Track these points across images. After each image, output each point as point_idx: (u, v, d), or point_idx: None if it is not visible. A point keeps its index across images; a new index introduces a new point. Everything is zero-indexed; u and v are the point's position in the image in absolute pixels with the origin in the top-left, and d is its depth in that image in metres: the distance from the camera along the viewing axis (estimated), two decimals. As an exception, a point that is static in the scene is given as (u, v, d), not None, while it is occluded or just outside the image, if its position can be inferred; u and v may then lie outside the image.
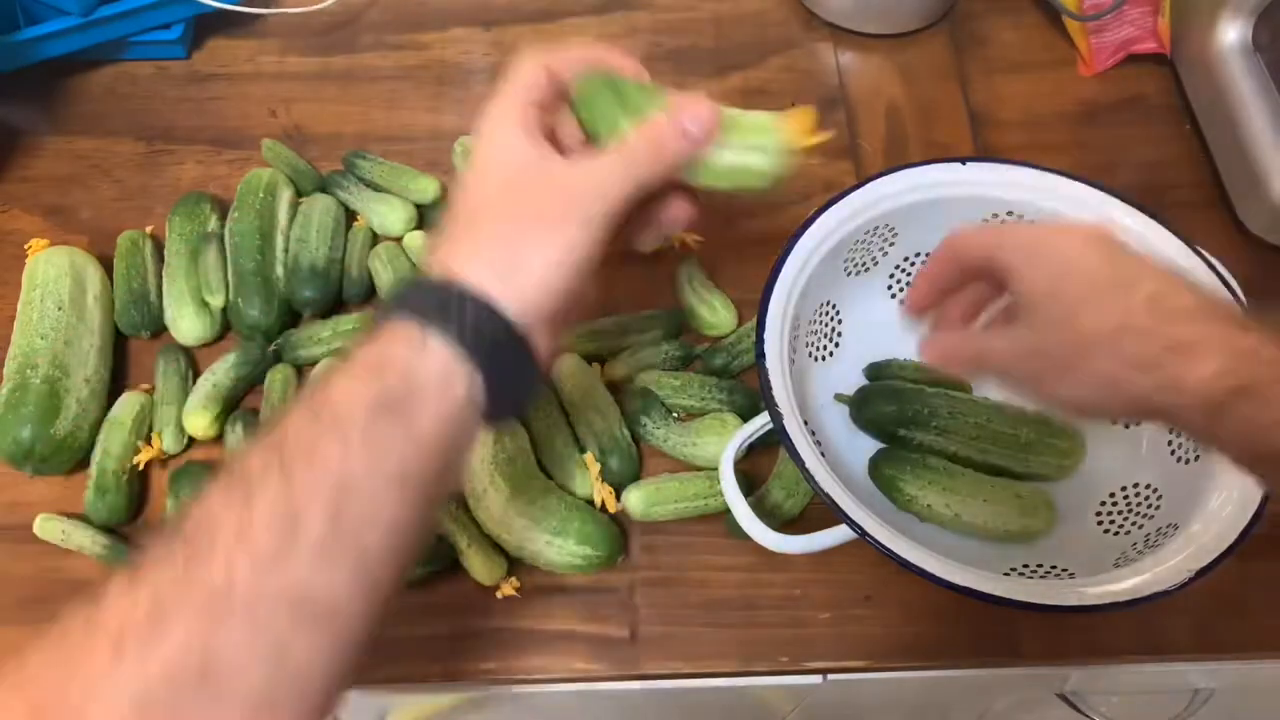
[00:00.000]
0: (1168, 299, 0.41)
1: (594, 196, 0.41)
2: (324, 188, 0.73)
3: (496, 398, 0.39)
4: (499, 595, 0.59)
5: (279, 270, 0.68)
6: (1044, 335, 0.43)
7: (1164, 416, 0.42)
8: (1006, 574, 0.54)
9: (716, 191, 0.47)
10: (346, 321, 0.67)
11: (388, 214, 0.71)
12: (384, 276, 0.68)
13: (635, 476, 0.62)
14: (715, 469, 0.59)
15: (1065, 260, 0.43)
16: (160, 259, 0.70)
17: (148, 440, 0.63)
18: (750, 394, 0.64)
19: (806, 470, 0.50)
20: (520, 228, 0.41)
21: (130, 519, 0.62)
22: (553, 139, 0.44)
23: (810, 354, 0.62)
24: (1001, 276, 0.45)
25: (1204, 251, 0.56)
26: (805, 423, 0.54)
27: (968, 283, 0.49)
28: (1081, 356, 0.42)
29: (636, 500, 0.60)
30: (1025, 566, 0.56)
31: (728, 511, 0.56)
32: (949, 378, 0.62)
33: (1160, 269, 0.42)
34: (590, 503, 0.60)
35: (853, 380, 0.64)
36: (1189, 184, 0.74)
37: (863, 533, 0.49)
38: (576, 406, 0.63)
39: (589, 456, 0.61)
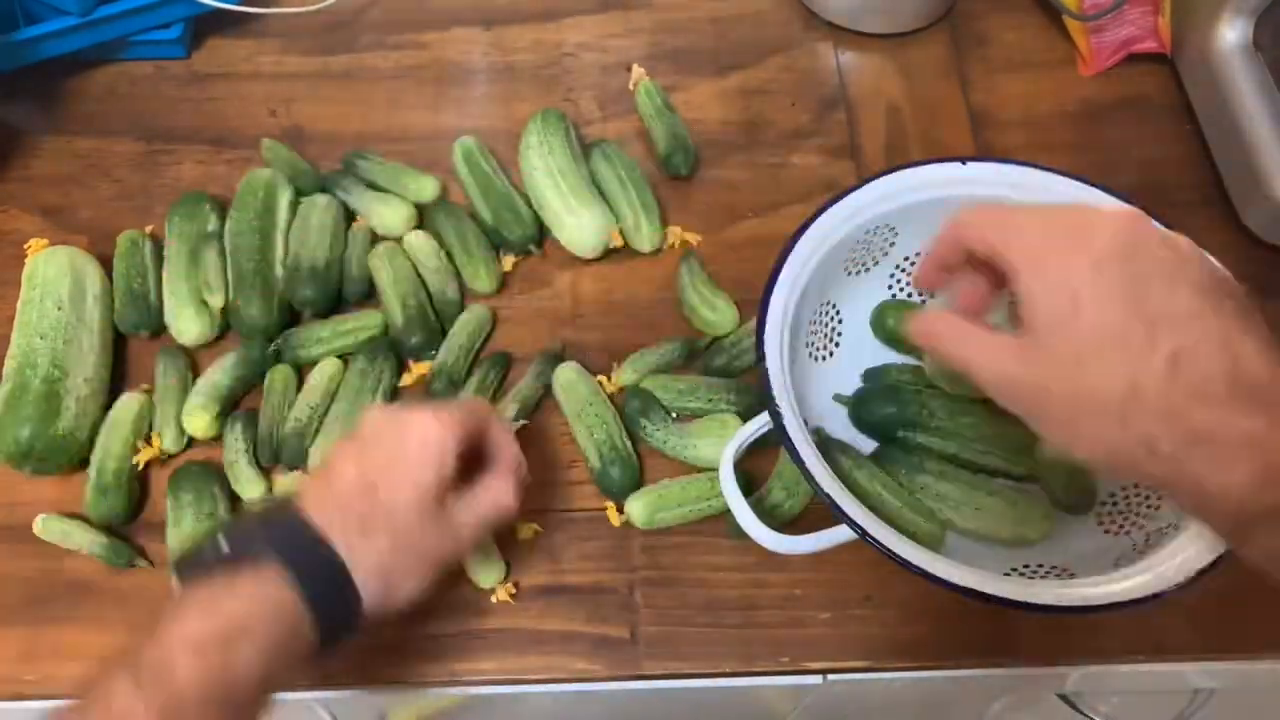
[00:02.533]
0: (1196, 361, 0.34)
1: (453, 551, 0.51)
2: (324, 187, 0.73)
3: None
4: (494, 600, 0.59)
5: (279, 270, 0.68)
6: (1043, 372, 0.37)
7: (1185, 508, 0.37)
8: (1006, 574, 0.54)
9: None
10: (346, 321, 0.67)
11: (387, 214, 0.71)
12: (384, 276, 0.68)
13: (636, 486, 0.62)
14: (714, 470, 0.59)
15: (1074, 289, 0.36)
16: (160, 259, 0.70)
17: (147, 440, 0.63)
18: (754, 394, 0.64)
19: (806, 470, 0.50)
20: (406, 567, 0.48)
21: (130, 519, 0.62)
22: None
23: (810, 354, 0.62)
24: (1005, 269, 0.40)
25: (1204, 251, 0.56)
26: (805, 423, 0.54)
27: (974, 265, 0.44)
28: (1084, 414, 0.36)
29: (640, 509, 0.60)
30: (1025, 566, 0.56)
31: (728, 512, 0.56)
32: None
33: (1191, 299, 0.36)
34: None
35: (852, 380, 0.64)
36: (1189, 184, 0.74)
37: (863, 533, 0.49)
38: (578, 416, 0.63)
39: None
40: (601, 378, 0.65)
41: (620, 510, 0.61)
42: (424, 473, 0.49)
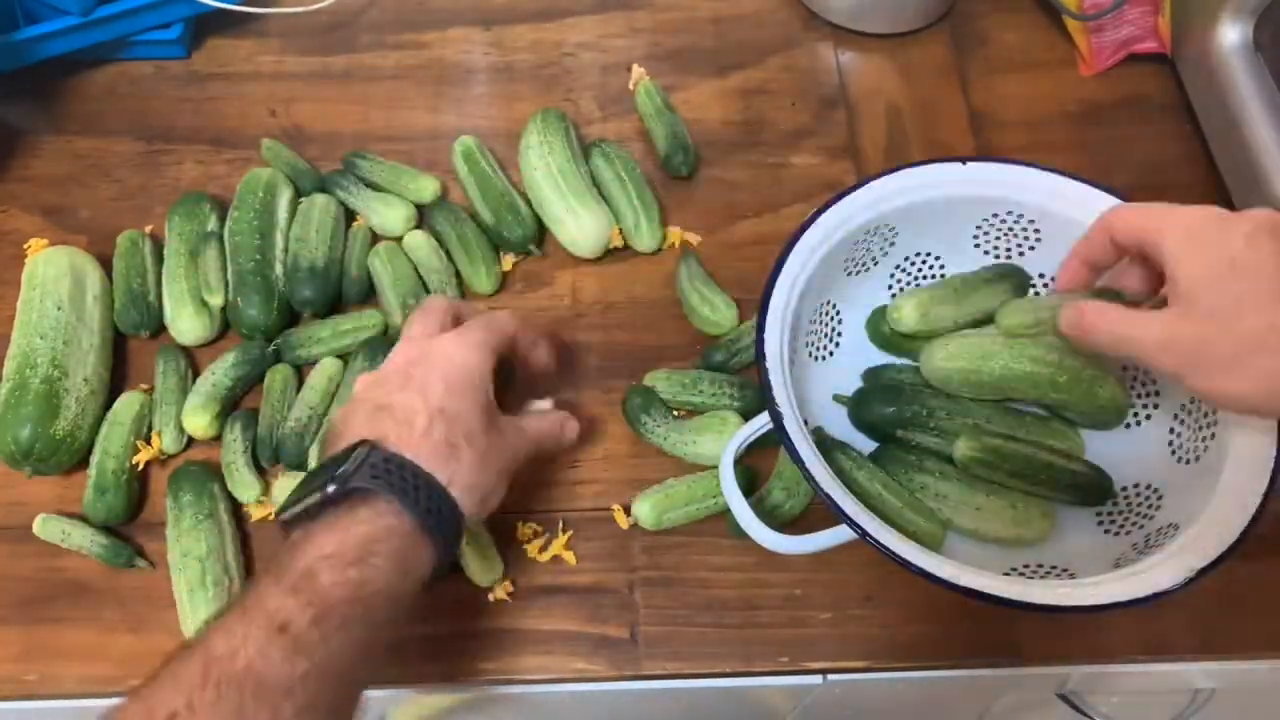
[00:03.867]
0: None
1: (514, 466, 0.53)
2: (323, 187, 0.73)
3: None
4: (491, 599, 0.59)
5: (278, 270, 0.68)
6: (1202, 327, 0.43)
7: None
8: (1007, 574, 0.54)
9: None
10: (346, 321, 0.67)
11: (387, 213, 0.71)
12: (384, 276, 0.68)
13: None
14: (715, 466, 0.59)
15: (1230, 256, 0.43)
16: (160, 259, 0.70)
17: (147, 440, 0.63)
18: (755, 390, 0.64)
19: (806, 470, 0.50)
20: (490, 480, 0.51)
21: (129, 519, 0.62)
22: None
23: (810, 354, 0.62)
24: (1157, 259, 0.45)
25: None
26: (805, 422, 0.54)
27: (1119, 260, 0.50)
28: (1245, 353, 0.42)
29: (647, 511, 0.60)
30: (1025, 567, 0.56)
31: (728, 512, 0.56)
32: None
33: None
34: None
35: (853, 380, 0.64)
36: (1189, 184, 0.74)
37: (863, 533, 0.49)
38: None
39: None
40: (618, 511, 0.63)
41: (627, 512, 0.61)
42: (479, 393, 0.51)
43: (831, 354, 0.64)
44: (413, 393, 0.50)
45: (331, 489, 0.45)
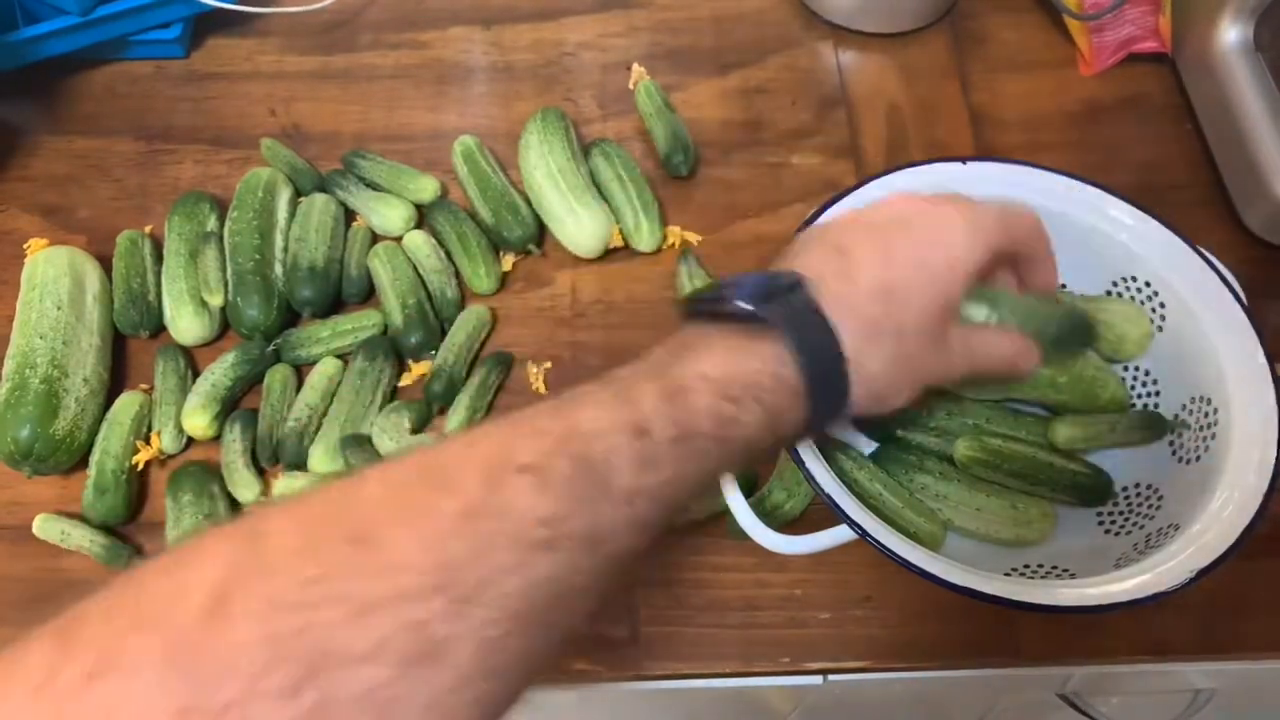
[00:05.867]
0: None
1: (943, 378, 0.47)
2: (323, 187, 0.73)
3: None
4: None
5: (278, 270, 0.68)
6: None
7: None
8: (1007, 574, 0.54)
9: None
10: (345, 321, 0.67)
11: (387, 213, 0.71)
12: (383, 276, 0.68)
13: None
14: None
15: None
16: (159, 259, 0.70)
17: (146, 440, 0.63)
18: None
19: (806, 470, 0.50)
20: (899, 380, 0.45)
21: (129, 519, 0.62)
22: None
23: (810, 354, 0.62)
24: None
25: (1204, 251, 0.56)
26: (805, 423, 0.53)
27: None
28: None
29: None
30: (1026, 567, 0.56)
31: (728, 512, 0.55)
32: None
33: None
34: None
35: (853, 380, 0.64)
36: (1189, 183, 0.74)
37: (863, 533, 0.49)
38: None
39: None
40: None
41: None
42: (945, 289, 0.45)
43: (831, 354, 0.64)
44: (879, 252, 0.44)
45: (743, 305, 0.41)
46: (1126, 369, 0.60)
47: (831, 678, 0.60)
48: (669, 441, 0.37)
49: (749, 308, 0.41)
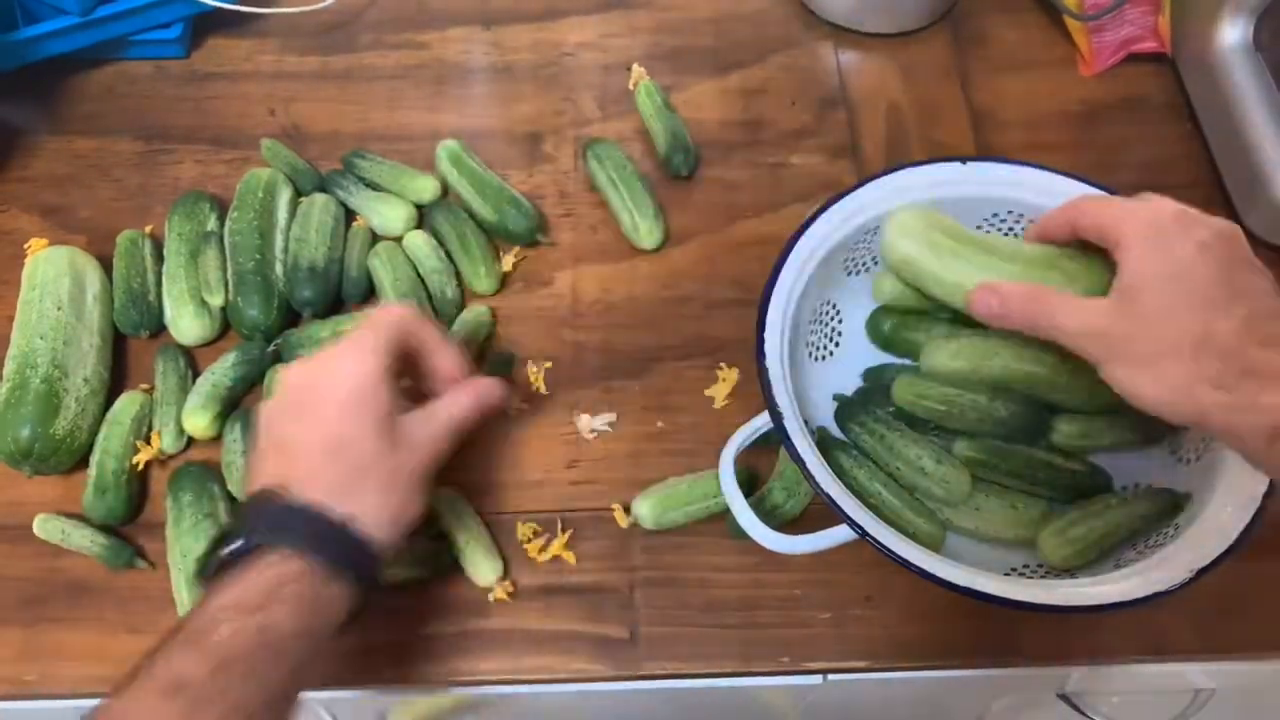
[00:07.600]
0: (1260, 321, 0.43)
1: (423, 460, 0.52)
2: (323, 187, 0.73)
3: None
4: (491, 599, 0.59)
5: (278, 270, 0.68)
6: (1133, 324, 0.45)
7: (1223, 433, 0.44)
8: (1007, 574, 0.54)
9: None
10: (345, 321, 0.67)
11: (387, 213, 0.71)
12: (383, 276, 0.68)
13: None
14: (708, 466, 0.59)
15: (1180, 258, 0.44)
16: (159, 259, 0.70)
17: (147, 440, 0.63)
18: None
19: (807, 470, 0.50)
20: (400, 499, 0.50)
21: (129, 519, 0.62)
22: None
23: (810, 354, 0.62)
24: (1113, 252, 0.46)
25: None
26: (805, 422, 0.53)
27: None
28: (1159, 356, 0.44)
29: (648, 510, 0.60)
30: (1025, 567, 0.56)
31: (728, 512, 0.56)
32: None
33: (1267, 285, 0.44)
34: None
35: (853, 380, 0.64)
36: (1189, 184, 0.74)
37: (863, 533, 0.49)
38: None
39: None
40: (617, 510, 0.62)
41: (627, 512, 0.61)
42: (375, 405, 0.50)
43: (831, 354, 0.64)
44: (306, 425, 0.50)
45: (235, 546, 0.46)
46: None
47: (831, 678, 0.60)
48: (209, 675, 0.42)
49: (238, 544, 0.46)
